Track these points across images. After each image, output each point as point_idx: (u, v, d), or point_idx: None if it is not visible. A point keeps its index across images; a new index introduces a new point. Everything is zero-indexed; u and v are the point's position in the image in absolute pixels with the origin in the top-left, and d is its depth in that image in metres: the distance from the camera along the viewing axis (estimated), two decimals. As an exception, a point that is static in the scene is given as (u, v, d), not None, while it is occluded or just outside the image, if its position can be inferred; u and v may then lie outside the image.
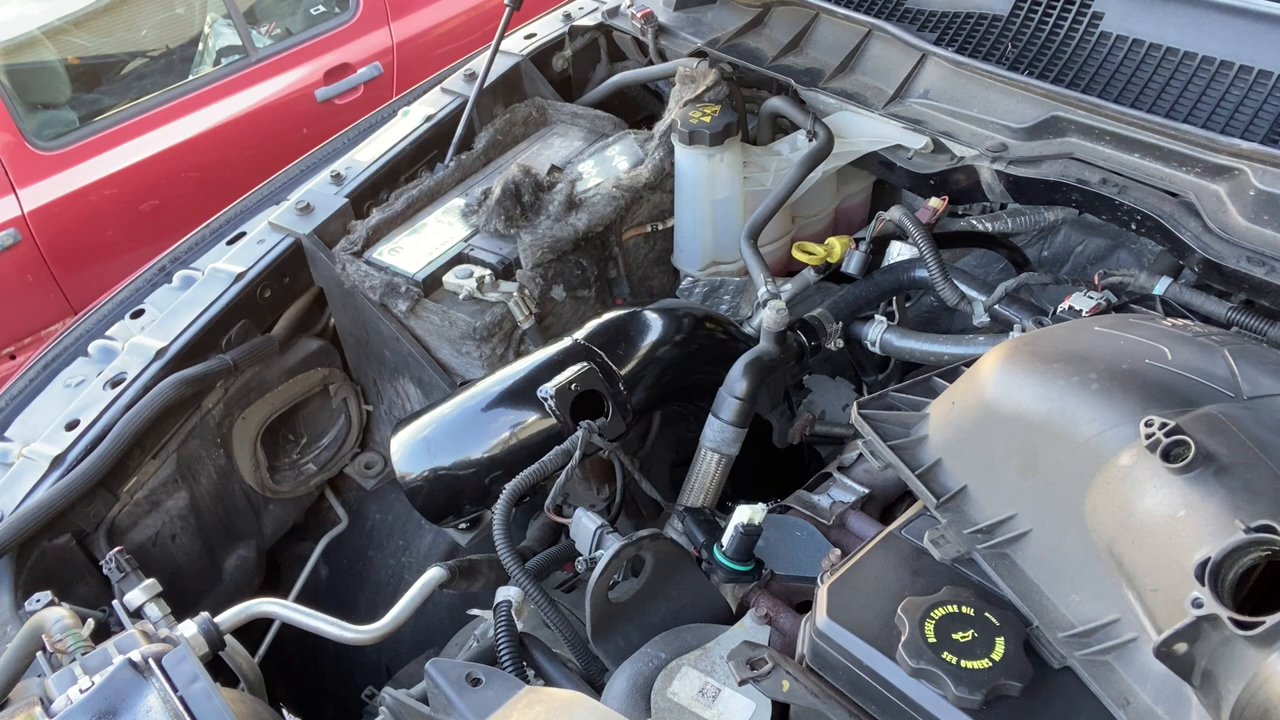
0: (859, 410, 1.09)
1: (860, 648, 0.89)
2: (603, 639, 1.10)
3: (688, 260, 1.82)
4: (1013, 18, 1.56)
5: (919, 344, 1.53)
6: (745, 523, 1.12)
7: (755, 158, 1.79)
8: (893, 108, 1.64)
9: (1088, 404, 0.91)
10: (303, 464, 1.83)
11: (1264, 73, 1.31)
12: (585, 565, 1.22)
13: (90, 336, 1.64)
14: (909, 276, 1.61)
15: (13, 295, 3.22)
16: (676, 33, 1.94)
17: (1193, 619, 0.70)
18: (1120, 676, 0.81)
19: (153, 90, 3.48)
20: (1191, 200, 1.32)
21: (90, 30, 3.56)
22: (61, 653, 1.06)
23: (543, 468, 1.25)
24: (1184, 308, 1.35)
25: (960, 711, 0.83)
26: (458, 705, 0.98)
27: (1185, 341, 0.96)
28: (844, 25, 1.76)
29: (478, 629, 1.25)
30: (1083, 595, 0.86)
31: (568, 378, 1.33)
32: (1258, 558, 0.72)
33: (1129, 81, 1.42)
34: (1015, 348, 1.05)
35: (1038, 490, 0.92)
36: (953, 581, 0.93)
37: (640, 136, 1.86)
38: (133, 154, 3.37)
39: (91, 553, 1.45)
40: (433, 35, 4.02)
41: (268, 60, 3.66)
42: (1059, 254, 1.88)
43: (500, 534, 1.18)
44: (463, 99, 1.94)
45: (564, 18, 2.14)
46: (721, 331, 1.57)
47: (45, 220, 3.23)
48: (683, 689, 1.01)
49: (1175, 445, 0.81)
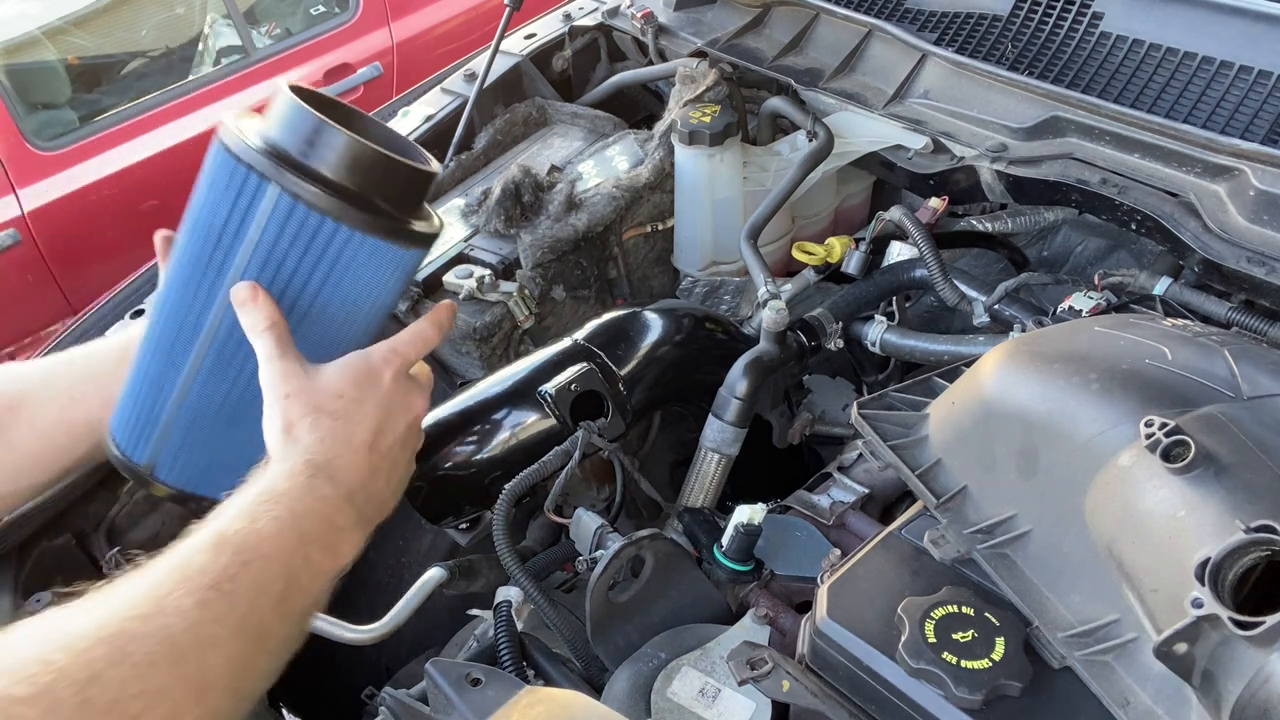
0: (859, 410, 1.09)
1: (860, 648, 0.89)
2: (603, 639, 1.10)
3: (688, 260, 1.82)
4: (1013, 18, 1.56)
5: (919, 344, 1.53)
6: (745, 523, 1.12)
7: (755, 158, 1.79)
8: (893, 108, 1.64)
9: (1088, 404, 0.91)
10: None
11: (1264, 73, 1.31)
12: (585, 565, 1.22)
13: (90, 336, 1.64)
14: (909, 276, 1.61)
15: (13, 295, 3.22)
16: (676, 33, 1.94)
17: (1193, 619, 0.70)
18: (1120, 676, 0.82)
19: (153, 90, 3.48)
20: (1191, 200, 1.32)
21: (90, 30, 3.56)
22: (61, 653, 1.06)
23: (543, 468, 1.25)
24: (1184, 308, 1.35)
25: (960, 711, 0.83)
26: (458, 705, 0.98)
27: (1185, 341, 0.96)
28: (844, 25, 1.76)
29: (478, 629, 1.25)
30: (1083, 595, 0.86)
31: (568, 378, 1.33)
32: (1258, 558, 0.72)
33: (1129, 81, 1.42)
34: (1015, 348, 1.05)
35: (1038, 490, 0.92)
36: (953, 581, 0.93)
37: (640, 136, 1.86)
38: (132, 154, 3.37)
39: (91, 553, 1.45)
40: (433, 35, 4.02)
41: (268, 60, 3.65)
42: (1059, 254, 1.88)
43: (500, 534, 1.18)
44: (463, 99, 1.94)
45: (564, 18, 2.14)
46: (721, 331, 1.57)
47: (45, 220, 3.23)
48: (683, 689, 1.01)
49: (1175, 445, 0.81)
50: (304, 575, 0.83)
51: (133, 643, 0.70)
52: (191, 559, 0.77)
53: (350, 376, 0.91)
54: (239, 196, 0.88)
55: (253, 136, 0.88)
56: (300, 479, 0.85)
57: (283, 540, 0.81)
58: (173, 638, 0.71)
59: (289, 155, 0.87)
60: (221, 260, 0.90)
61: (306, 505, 0.84)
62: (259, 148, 0.87)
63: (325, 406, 0.89)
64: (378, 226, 0.89)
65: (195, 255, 0.92)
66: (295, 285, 0.91)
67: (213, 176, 0.90)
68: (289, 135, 0.88)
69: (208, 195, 0.90)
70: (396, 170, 0.91)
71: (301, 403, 0.88)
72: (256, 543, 0.79)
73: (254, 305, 0.88)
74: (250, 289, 0.89)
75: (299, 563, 0.82)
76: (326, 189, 0.87)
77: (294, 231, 0.88)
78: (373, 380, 0.92)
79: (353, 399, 0.90)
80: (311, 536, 0.84)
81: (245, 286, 0.89)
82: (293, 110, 0.88)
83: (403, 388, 0.94)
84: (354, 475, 0.89)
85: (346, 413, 0.89)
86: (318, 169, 0.87)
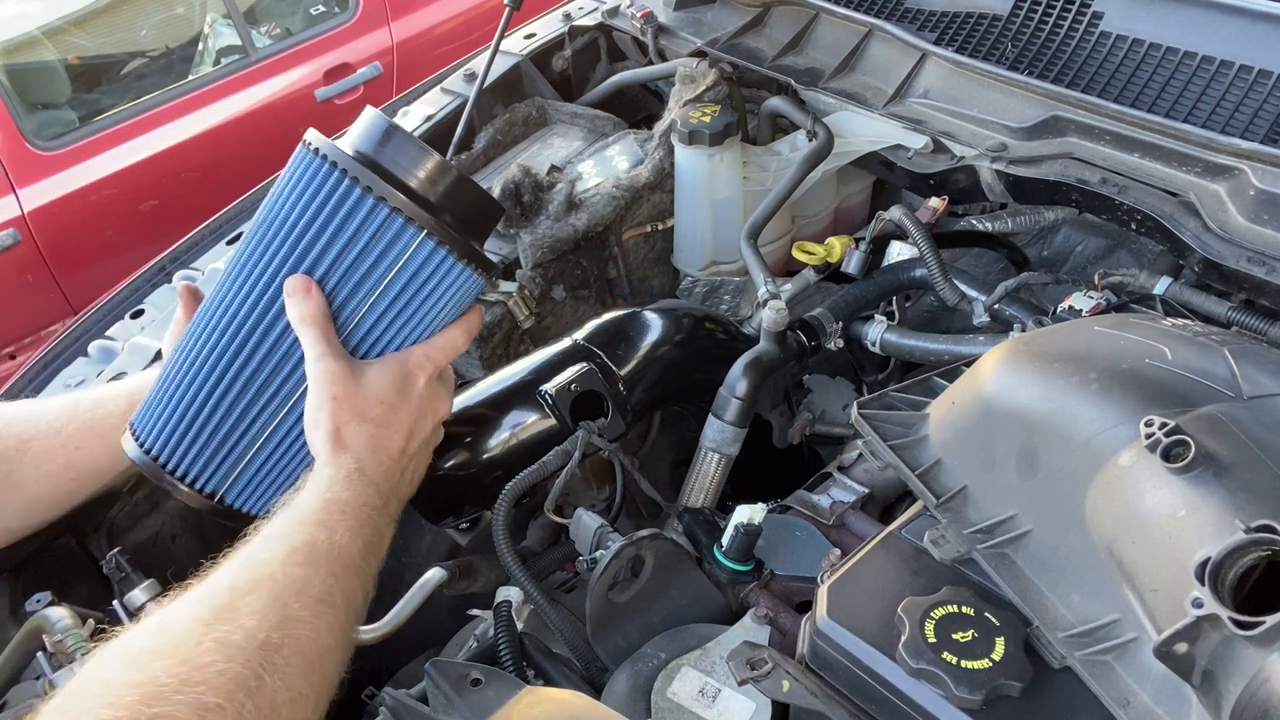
0: (859, 410, 1.09)
1: (860, 648, 0.89)
2: (603, 639, 1.10)
3: (688, 260, 1.82)
4: (1013, 17, 1.56)
5: (919, 344, 1.53)
6: (745, 523, 1.12)
7: (755, 158, 1.79)
8: (893, 108, 1.64)
9: (1088, 404, 0.91)
10: (303, 464, 1.83)
11: (1264, 72, 1.31)
12: (586, 565, 1.22)
13: (90, 336, 1.64)
14: (909, 276, 1.61)
15: (13, 295, 3.22)
16: (676, 33, 1.94)
17: (1193, 619, 0.70)
18: (1120, 676, 0.81)
19: (152, 90, 3.48)
20: (1191, 200, 1.32)
21: (90, 30, 3.56)
22: (62, 653, 1.07)
23: (543, 468, 1.25)
24: (1184, 308, 1.35)
25: (960, 711, 0.83)
26: (458, 705, 0.98)
27: (1185, 341, 0.96)
28: (844, 25, 1.76)
29: (478, 629, 1.25)
30: (1083, 595, 0.86)
31: (567, 378, 1.33)
32: (1258, 558, 0.72)
33: (1129, 81, 1.42)
34: (1015, 347, 1.05)
35: (1038, 490, 0.92)
36: (953, 581, 0.93)
37: (640, 136, 1.86)
38: (132, 154, 3.38)
39: (91, 553, 1.45)
40: (433, 35, 4.02)
41: (268, 60, 3.66)
42: (1059, 254, 1.88)
43: (500, 534, 1.18)
44: (463, 99, 1.94)
45: (564, 18, 2.14)
46: (721, 331, 1.57)
47: (45, 220, 3.23)
48: (683, 689, 1.01)
49: (1175, 445, 0.81)
50: (369, 582, 0.89)
51: (278, 654, 0.75)
52: (292, 571, 0.81)
53: (390, 383, 0.94)
54: (335, 204, 0.92)
55: (351, 148, 0.94)
56: (356, 487, 0.89)
57: (355, 550, 0.86)
58: (303, 650, 0.77)
59: (386, 169, 0.93)
60: (302, 263, 0.94)
61: (364, 514, 0.89)
62: (362, 158, 0.93)
63: (368, 413, 0.92)
64: (456, 244, 0.95)
65: (277, 259, 0.95)
66: (369, 289, 0.95)
67: (305, 183, 0.94)
68: (387, 150, 0.94)
69: (297, 201, 0.94)
70: (480, 199, 0.99)
71: (348, 407, 0.91)
72: (341, 555, 0.84)
73: (305, 298, 0.91)
74: (304, 282, 0.91)
75: (365, 570, 0.88)
76: (420, 203, 0.92)
77: (385, 240, 0.93)
78: (409, 387, 0.95)
79: (391, 405, 0.93)
80: (370, 544, 0.89)
81: (300, 279, 0.91)
82: (392, 130, 0.94)
83: (432, 392, 0.98)
84: (389, 479, 0.93)
85: (386, 420, 0.93)
86: (413, 184, 0.93)
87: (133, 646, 0.73)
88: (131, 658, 0.71)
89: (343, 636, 0.82)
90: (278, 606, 0.78)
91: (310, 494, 0.88)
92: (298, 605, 0.79)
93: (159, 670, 0.69)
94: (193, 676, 0.69)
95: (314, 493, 0.88)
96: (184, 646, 0.72)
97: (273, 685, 0.73)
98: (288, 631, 0.77)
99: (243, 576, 0.79)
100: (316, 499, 0.87)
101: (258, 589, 0.78)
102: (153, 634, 0.74)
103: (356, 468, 0.90)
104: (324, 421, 0.92)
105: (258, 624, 0.75)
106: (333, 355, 0.92)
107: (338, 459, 0.91)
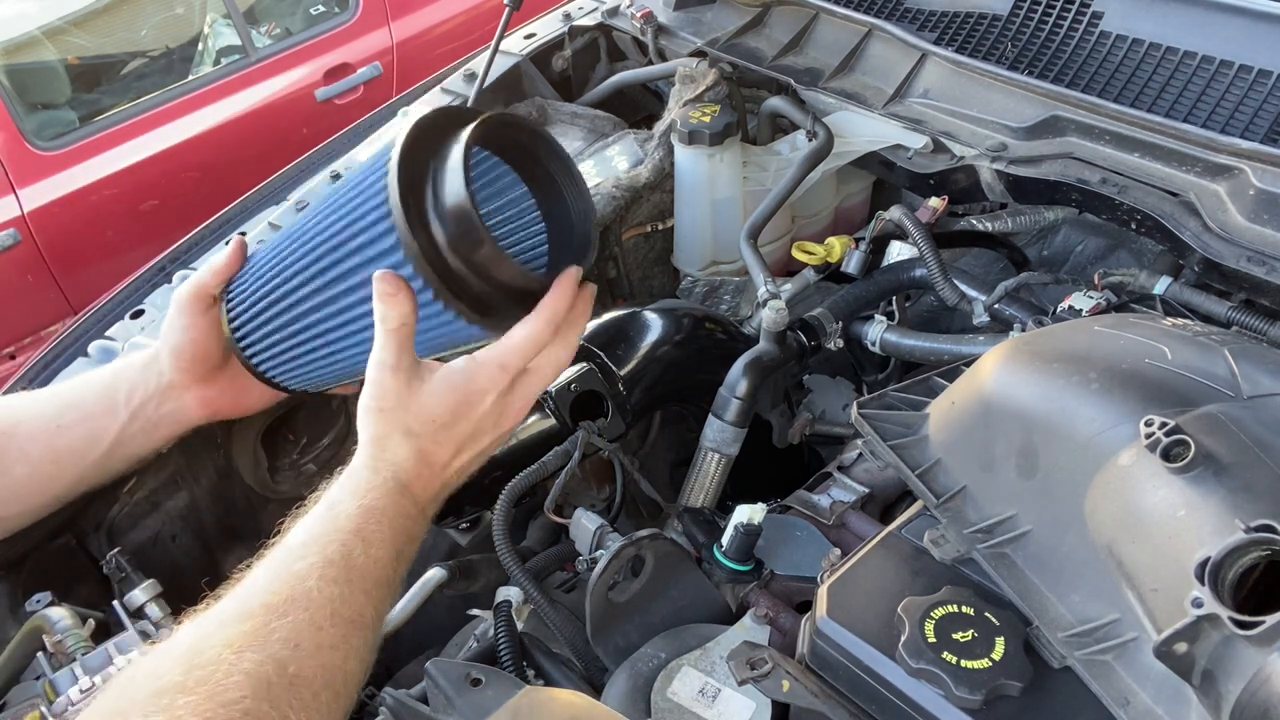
0: (859, 410, 1.09)
1: (860, 648, 0.89)
2: (603, 639, 1.10)
3: (688, 260, 1.82)
4: (1012, 17, 1.56)
5: (919, 343, 1.53)
6: (745, 522, 1.12)
7: (755, 158, 1.79)
8: (893, 107, 1.64)
9: (1087, 403, 0.91)
10: (303, 464, 1.83)
11: (1264, 72, 1.31)
12: (585, 565, 1.22)
13: (90, 336, 1.64)
14: (909, 276, 1.61)
15: (13, 295, 3.22)
16: (676, 33, 1.94)
17: (1193, 619, 0.70)
18: (1120, 676, 0.81)
19: (152, 90, 3.48)
20: (1191, 200, 1.32)
21: (90, 30, 3.56)
22: (62, 653, 1.07)
23: (542, 468, 1.25)
24: (1184, 307, 1.35)
25: (960, 711, 0.83)
26: (458, 705, 0.98)
27: (1185, 341, 0.96)
28: (844, 25, 1.76)
29: (478, 629, 1.25)
30: (1083, 595, 0.86)
31: (567, 378, 1.33)
32: (1258, 557, 0.72)
33: (1129, 81, 1.42)
34: (1015, 347, 1.05)
35: (1037, 490, 0.92)
36: (953, 581, 0.93)
37: (640, 136, 1.86)
38: (132, 154, 3.38)
39: (91, 553, 1.45)
40: (433, 35, 4.02)
41: (268, 60, 3.66)
42: (1059, 254, 1.88)
43: (500, 534, 1.18)
44: (463, 99, 1.94)
45: (564, 18, 2.14)
46: (721, 331, 1.57)
47: (45, 220, 3.23)
48: (683, 689, 1.01)
49: (1175, 445, 0.81)
50: (397, 592, 0.89)
51: (307, 689, 0.75)
52: (327, 590, 0.80)
53: (448, 404, 0.91)
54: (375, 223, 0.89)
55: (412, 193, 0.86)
56: (393, 496, 0.89)
57: (387, 561, 0.86)
58: (331, 683, 0.77)
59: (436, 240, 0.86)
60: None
61: (400, 524, 0.88)
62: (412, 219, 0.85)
63: (414, 429, 0.90)
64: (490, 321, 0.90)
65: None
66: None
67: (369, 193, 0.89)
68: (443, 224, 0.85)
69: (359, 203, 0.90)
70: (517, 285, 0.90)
71: (394, 421, 0.90)
72: (374, 570, 0.84)
73: (392, 301, 0.87)
74: (395, 283, 0.86)
75: (394, 581, 0.88)
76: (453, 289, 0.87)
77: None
78: (469, 407, 0.91)
79: (443, 425, 0.91)
80: (402, 554, 0.89)
81: (392, 279, 0.86)
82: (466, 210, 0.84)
83: (498, 407, 0.92)
84: (429, 491, 0.93)
85: (434, 437, 0.91)
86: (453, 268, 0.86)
87: (161, 677, 0.72)
88: (158, 692, 0.71)
89: (369, 657, 0.82)
90: (311, 631, 0.77)
91: (347, 497, 0.87)
92: (331, 629, 0.78)
93: (184, 711, 0.69)
94: (218, 714, 0.69)
95: (351, 497, 0.87)
96: (212, 679, 0.71)
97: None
98: (319, 661, 0.76)
99: (280, 593, 0.78)
100: (354, 505, 0.86)
101: (293, 609, 0.77)
102: (183, 665, 0.73)
103: (394, 475, 0.89)
104: (369, 426, 0.91)
105: (290, 654, 0.75)
106: (392, 368, 0.89)
107: (377, 465, 0.90)
